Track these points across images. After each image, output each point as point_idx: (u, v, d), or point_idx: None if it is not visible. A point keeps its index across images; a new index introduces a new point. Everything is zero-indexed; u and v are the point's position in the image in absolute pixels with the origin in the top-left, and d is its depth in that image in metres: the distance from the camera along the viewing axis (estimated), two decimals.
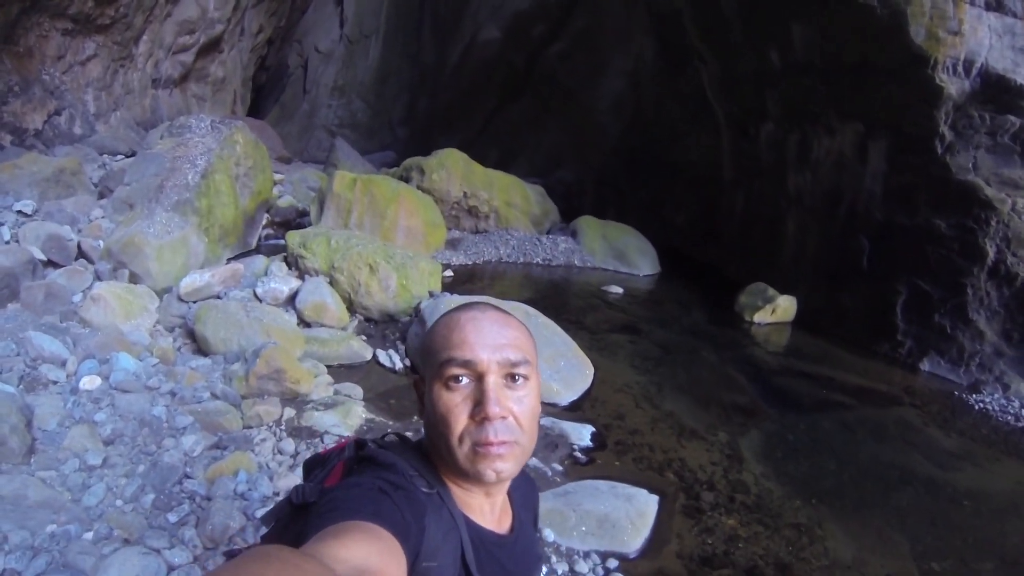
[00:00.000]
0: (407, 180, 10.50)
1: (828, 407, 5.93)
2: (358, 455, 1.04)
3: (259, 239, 8.46)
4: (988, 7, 6.61)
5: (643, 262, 10.14)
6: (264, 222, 9.13)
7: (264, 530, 1.46)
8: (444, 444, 0.98)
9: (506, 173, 11.21)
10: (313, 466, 1.13)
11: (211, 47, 14.02)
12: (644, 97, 11.84)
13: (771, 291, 8.30)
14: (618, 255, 10.12)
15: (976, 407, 6.15)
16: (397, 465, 0.99)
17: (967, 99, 6.56)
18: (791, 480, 4.53)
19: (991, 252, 6.51)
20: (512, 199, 10.99)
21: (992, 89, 6.43)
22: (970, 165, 6.60)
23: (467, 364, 0.97)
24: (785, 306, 8.23)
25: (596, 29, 12.30)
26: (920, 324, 7.04)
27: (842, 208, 7.90)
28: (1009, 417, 5.98)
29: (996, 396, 6.31)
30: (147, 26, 12.24)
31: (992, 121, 6.45)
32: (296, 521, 0.95)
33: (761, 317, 8.13)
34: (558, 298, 8.36)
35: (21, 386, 4.47)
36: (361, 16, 17.78)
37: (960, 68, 6.52)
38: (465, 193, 10.68)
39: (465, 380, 0.97)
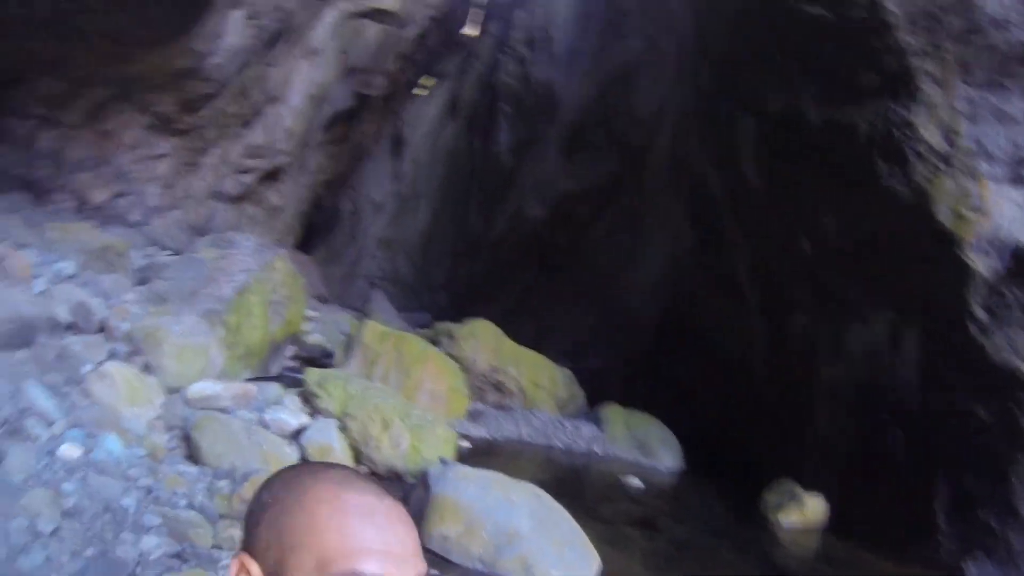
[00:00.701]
0: (437, 344, 10.61)
1: None
2: None
3: (281, 369, 8.54)
4: (1010, 182, 6.57)
5: (667, 454, 9.83)
6: (290, 354, 9.21)
7: None
8: None
9: (537, 352, 11.27)
10: None
11: (272, 175, 14.72)
12: (680, 283, 11.83)
13: (798, 489, 7.84)
14: (641, 446, 9.88)
15: None
16: None
17: (998, 277, 6.38)
18: None
19: None
20: (540, 379, 10.92)
21: (1021, 265, 6.29)
22: (1007, 345, 6.26)
23: None
24: (813, 506, 7.74)
25: (638, 213, 12.61)
26: (963, 521, 6.46)
27: (876, 399, 7.53)
28: None
29: None
30: (218, 142, 12.98)
31: None
32: None
33: (788, 517, 7.64)
34: (574, 485, 8.06)
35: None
36: (416, 175, 18.62)
37: (988, 246, 6.38)
38: (493, 367, 10.68)
39: None
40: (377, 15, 15.89)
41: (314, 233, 18.59)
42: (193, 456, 5.41)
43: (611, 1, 14.11)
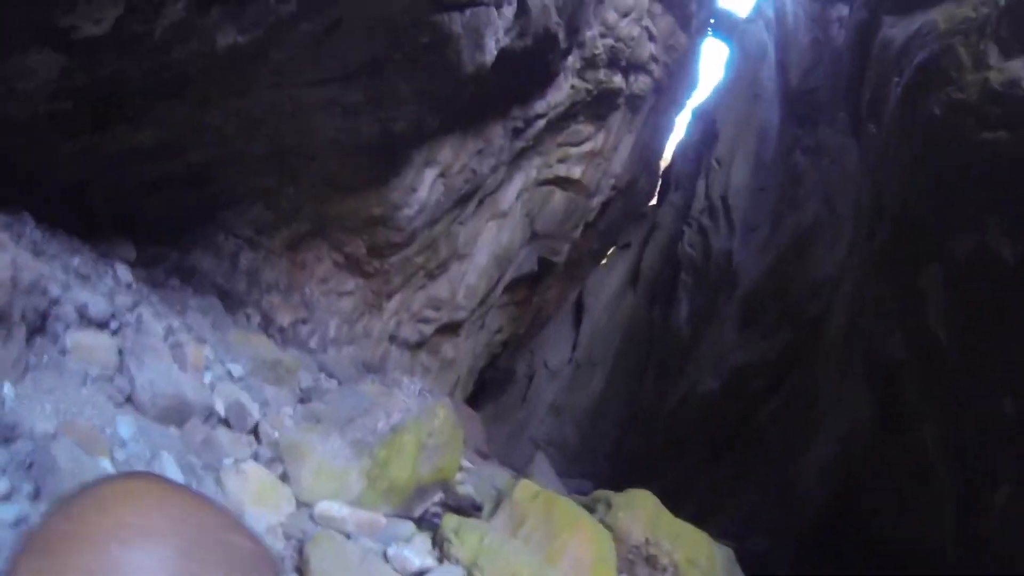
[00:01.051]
0: (592, 511, 9.79)
1: None
2: None
3: (423, 513, 8.12)
4: None
5: None
6: (436, 499, 8.90)
7: None
8: None
9: (697, 529, 9.99)
10: None
11: (450, 328, 14.98)
12: (855, 465, 10.56)
13: None
14: None
15: None
16: None
17: None
18: None
19: None
20: (696, 558, 9.61)
21: None
22: None
23: None
24: None
25: (813, 387, 11.48)
26: None
27: None
28: None
29: None
30: (402, 289, 13.49)
31: None
32: None
33: None
34: None
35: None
36: (593, 344, 18.48)
37: None
38: (647, 539, 9.58)
39: None
40: (563, 183, 16.48)
41: (486, 390, 18.68)
42: (301, 569, 5.27)
43: (787, 167, 13.72)
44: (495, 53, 10.40)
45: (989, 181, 6.86)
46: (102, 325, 5.17)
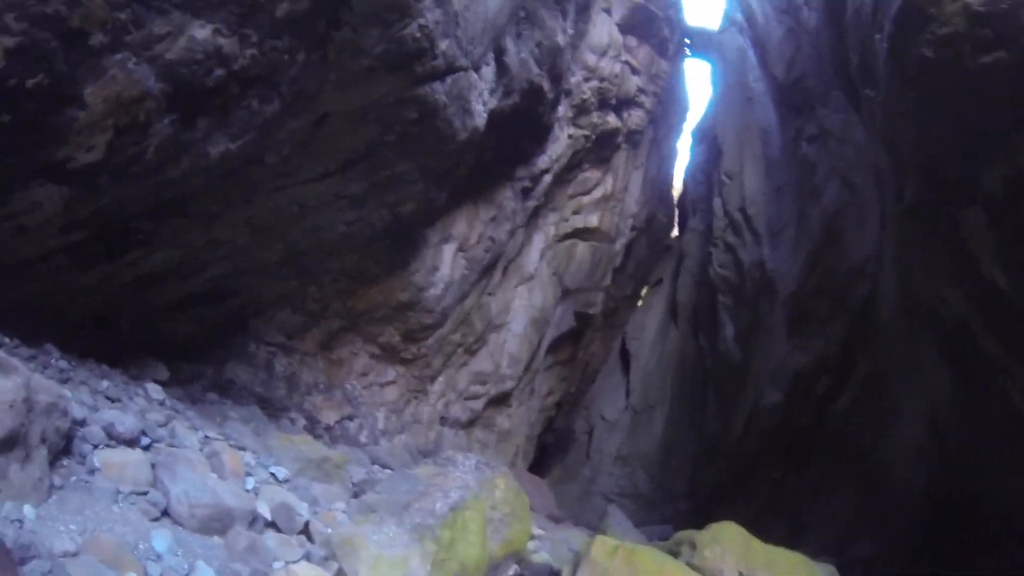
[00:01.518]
0: (677, 554, 9.33)
1: None
2: None
3: None
4: None
5: None
6: (511, 572, 8.57)
7: None
8: None
9: (792, 551, 9.40)
10: None
11: (500, 400, 14.80)
12: (947, 438, 9.89)
13: None
14: None
15: None
16: None
17: None
18: None
19: None
20: None
21: None
22: None
23: None
24: None
25: (883, 372, 10.86)
26: None
27: None
28: None
29: None
30: (444, 369, 13.42)
31: None
32: None
33: None
34: None
35: None
36: (647, 387, 18.11)
37: None
38: (741, 573, 9.07)
39: None
40: (583, 234, 16.47)
41: (548, 454, 18.35)
42: None
43: (797, 160, 13.49)
44: (485, 116, 10.55)
45: (1004, 103, 6.54)
46: (132, 442, 5.12)
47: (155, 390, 6.70)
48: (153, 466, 5.09)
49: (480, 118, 10.48)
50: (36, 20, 4.37)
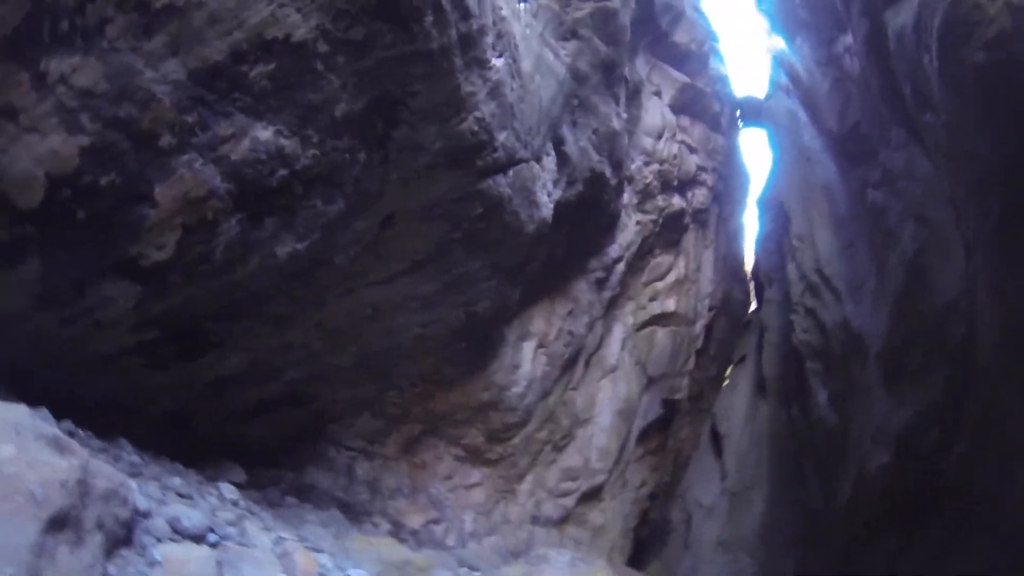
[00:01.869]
0: None
1: None
2: None
3: None
4: None
5: None
6: None
7: None
8: None
9: None
10: None
11: (592, 495, 14.22)
12: None
13: None
14: None
15: None
16: None
17: None
18: None
19: None
20: None
21: None
22: None
23: None
24: None
25: (995, 414, 9.65)
26: None
27: None
28: None
29: None
30: (532, 468, 13.02)
31: None
32: None
33: None
34: None
35: None
36: (743, 467, 17.14)
37: None
38: None
39: None
40: (662, 320, 16.12)
41: (645, 548, 17.46)
42: None
43: (866, 209, 12.85)
44: (551, 207, 10.60)
45: None
46: (198, 538, 5.01)
47: (229, 490, 6.66)
48: (219, 563, 4.94)
49: (546, 209, 10.53)
50: (109, 121, 4.67)
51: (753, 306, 19.95)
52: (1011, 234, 7.35)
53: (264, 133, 5.89)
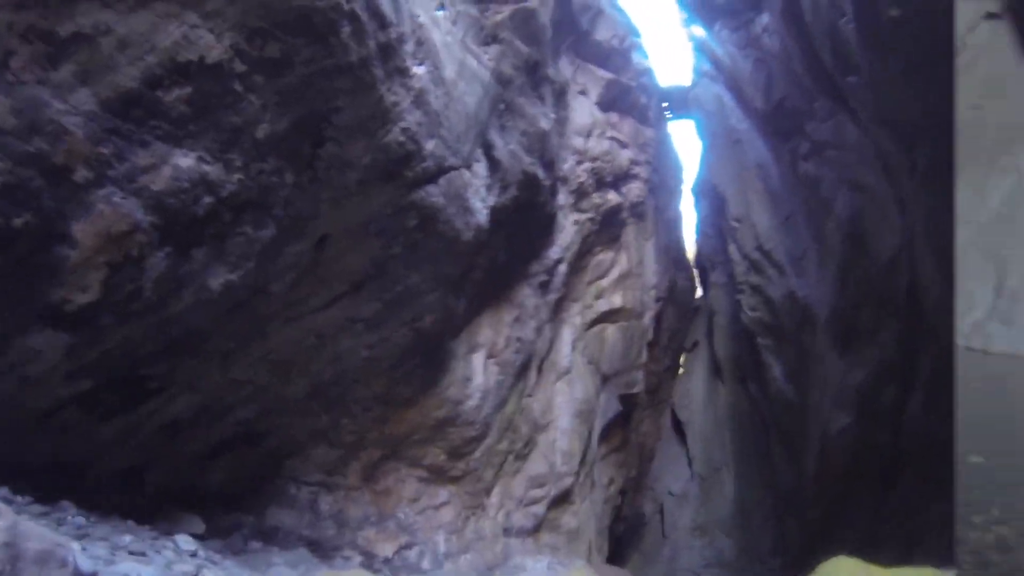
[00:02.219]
0: None
1: None
2: None
3: None
4: None
5: None
6: None
7: None
8: None
9: (917, 569, 8.37)
10: None
11: (562, 499, 14.08)
12: None
13: None
14: None
15: None
16: None
17: None
18: None
19: None
20: None
21: None
22: None
23: None
24: None
25: (948, 364, 9.99)
26: None
27: None
28: None
29: None
30: (497, 480, 12.83)
31: None
32: None
33: None
34: None
35: None
36: (709, 451, 17.40)
37: None
38: None
39: None
40: (611, 316, 16.15)
41: (623, 544, 17.65)
42: None
43: (800, 181, 13.21)
44: (486, 213, 10.50)
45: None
46: None
47: (186, 541, 6.29)
48: None
49: (482, 215, 10.44)
50: (19, 158, 4.37)
51: (699, 292, 20.27)
52: (939, 184, 7.60)
53: (185, 160, 5.64)
